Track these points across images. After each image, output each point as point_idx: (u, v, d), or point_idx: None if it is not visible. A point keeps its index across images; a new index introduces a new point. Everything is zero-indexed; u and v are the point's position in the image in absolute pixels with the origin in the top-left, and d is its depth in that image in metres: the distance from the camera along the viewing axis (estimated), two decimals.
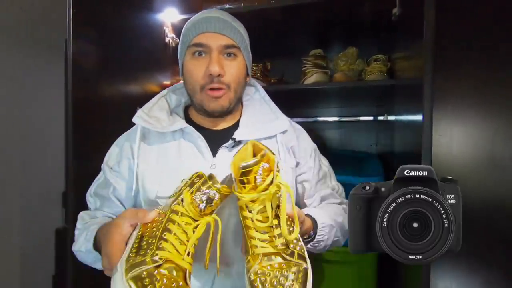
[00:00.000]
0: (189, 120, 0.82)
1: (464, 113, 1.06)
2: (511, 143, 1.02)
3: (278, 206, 0.58)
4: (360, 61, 1.45)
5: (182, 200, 0.57)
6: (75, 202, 1.00)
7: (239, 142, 0.77)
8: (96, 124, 1.09)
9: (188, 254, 0.54)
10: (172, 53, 1.48)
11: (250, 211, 0.57)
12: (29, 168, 1.65)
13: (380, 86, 1.30)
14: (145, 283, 0.48)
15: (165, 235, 0.54)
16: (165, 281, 0.49)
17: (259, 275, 0.53)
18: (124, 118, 0.81)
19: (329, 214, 0.78)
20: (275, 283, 0.52)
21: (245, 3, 1.31)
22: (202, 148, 0.76)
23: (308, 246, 0.72)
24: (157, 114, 0.80)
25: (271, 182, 0.56)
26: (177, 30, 1.45)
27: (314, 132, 1.78)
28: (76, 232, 0.79)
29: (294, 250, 0.56)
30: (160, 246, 0.52)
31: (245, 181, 0.56)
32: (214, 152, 0.76)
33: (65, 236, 1.03)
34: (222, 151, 0.76)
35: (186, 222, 0.56)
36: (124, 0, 1.24)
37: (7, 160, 1.56)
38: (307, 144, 0.86)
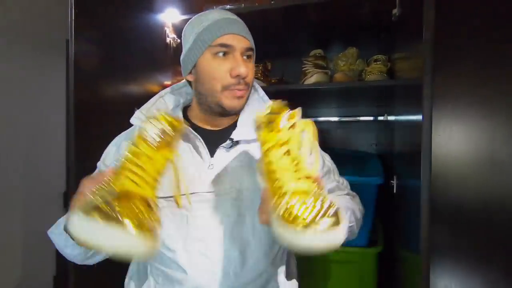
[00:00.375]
0: (187, 121, 0.82)
1: (463, 113, 1.06)
2: (510, 143, 1.02)
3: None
4: (360, 61, 1.45)
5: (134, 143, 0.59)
6: None
7: (237, 142, 0.78)
8: (97, 124, 1.10)
9: (148, 185, 0.56)
10: (173, 53, 1.48)
11: (275, 154, 0.57)
12: (30, 168, 1.66)
13: (380, 86, 1.31)
14: (106, 211, 0.48)
15: (120, 173, 0.55)
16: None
17: (289, 204, 0.52)
18: (125, 119, 0.81)
19: (340, 201, 0.79)
20: (309, 206, 0.51)
21: (246, 4, 1.32)
22: (200, 149, 0.76)
23: None
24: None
25: (294, 125, 0.59)
26: (178, 30, 1.46)
27: None
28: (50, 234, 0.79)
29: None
30: (116, 182, 0.54)
31: (272, 126, 0.59)
32: (212, 153, 0.77)
33: None
34: (220, 151, 0.77)
35: (143, 160, 0.56)
36: (125, 1, 1.25)
37: (8, 160, 1.56)
38: None
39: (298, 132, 0.58)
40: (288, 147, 0.57)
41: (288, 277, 0.84)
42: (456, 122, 1.06)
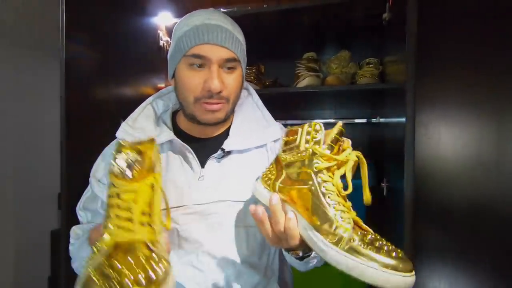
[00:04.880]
0: (177, 128, 0.79)
1: (451, 115, 1.07)
2: (498, 144, 1.04)
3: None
4: (353, 64, 1.47)
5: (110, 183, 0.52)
6: (70, 204, 1.00)
7: (229, 152, 0.74)
8: (91, 126, 1.11)
9: (143, 225, 0.50)
10: (166, 56, 1.49)
11: (336, 174, 0.54)
12: (24, 169, 1.66)
13: (371, 89, 1.32)
14: (109, 275, 0.43)
15: (106, 221, 0.50)
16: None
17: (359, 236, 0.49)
18: (118, 121, 0.80)
19: None
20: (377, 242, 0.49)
21: (239, 7, 1.33)
22: (190, 160, 0.73)
23: (299, 264, 0.67)
24: (143, 125, 0.76)
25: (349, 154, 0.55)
26: (171, 33, 1.46)
27: None
28: (71, 248, 0.78)
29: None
30: (105, 231, 0.49)
31: (333, 146, 0.55)
32: (202, 163, 0.73)
33: (60, 238, 1.04)
34: (211, 162, 0.73)
35: (125, 198, 0.50)
36: (118, 4, 1.26)
37: (2, 162, 1.56)
38: None
39: (352, 161, 0.54)
40: (342, 172, 0.54)
41: (283, 286, 0.82)
42: (445, 124, 1.07)
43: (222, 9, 1.32)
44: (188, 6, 1.40)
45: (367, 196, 0.55)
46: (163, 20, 1.44)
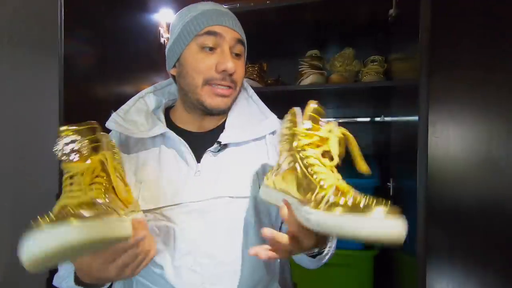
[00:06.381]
0: (170, 123, 0.76)
1: (460, 114, 1.05)
2: (507, 144, 1.02)
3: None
4: (357, 62, 1.45)
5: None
6: None
7: (225, 146, 0.72)
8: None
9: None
10: None
11: (314, 151, 0.54)
12: (22, 169, 1.64)
13: (376, 87, 1.30)
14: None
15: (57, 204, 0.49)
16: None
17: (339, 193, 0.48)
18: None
19: None
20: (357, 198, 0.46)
21: (241, 3, 1.30)
22: (185, 154, 0.70)
23: (311, 261, 0.65)
24: (134, 118, 0.74)
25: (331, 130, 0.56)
26: None
27: None
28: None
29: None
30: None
31: (313, 125, 0.56)
32: (198, 158, 0.70)
33: None
34: (207, 156, 0.70)
35: (77, 182, 0.50)
36: (119, 0, 1.23)
37: None
38: None
39: (336, 137, 0.54)
40: (327, 149, 0.54)
41: (283, 284, 0.80)
42: (453, 123, 1.05)
43: (224, 6, 1.30)
44: (190, 3, 1.38)
45: (360, 166, 0.54)
46: (164, 17, 1.42)
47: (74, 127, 0.54)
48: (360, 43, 1.54)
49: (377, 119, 1.60)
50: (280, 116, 0.83)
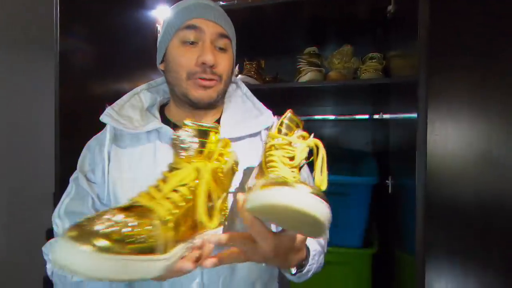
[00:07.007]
0: (165, 119, 0.77)
1: (459, 112, 1.05)
2: (506, 142, 1.01)
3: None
4: (355, 59, 1.44)
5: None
6: None
7: None
8: (86, 123, 1.06)
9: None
10: None
11: (281, 152, 0.55)
12: (18, 168, 1.63)
13: (375, 84, 1.29)
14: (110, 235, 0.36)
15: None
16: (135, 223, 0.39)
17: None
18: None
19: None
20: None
21: (239, 1, 1.29)
22: None
23: (294, 277, 0.65)
24: (129, 113, 0.74)
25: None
26: None
27: (309, 130, 1.76)
28: (46, 258, 0.70)
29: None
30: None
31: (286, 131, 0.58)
32: None
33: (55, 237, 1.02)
34: None
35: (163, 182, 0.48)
36: None
37: None
38: None
39: (306, 146, 0.56)
40: (294, 154, 0.55)
41: (281, 282, 0.80)
42: (452, 121, 1.05)
43: (221, 2, 1.29)
44: None
45: (318, 179, 0.53)
46: (161, 13, 1.41)
47: (197, 124, 0.52)
48: (358, 40, 1.54)
49: (376, 116, 1.59)
50: (278, 113, 0.82)
